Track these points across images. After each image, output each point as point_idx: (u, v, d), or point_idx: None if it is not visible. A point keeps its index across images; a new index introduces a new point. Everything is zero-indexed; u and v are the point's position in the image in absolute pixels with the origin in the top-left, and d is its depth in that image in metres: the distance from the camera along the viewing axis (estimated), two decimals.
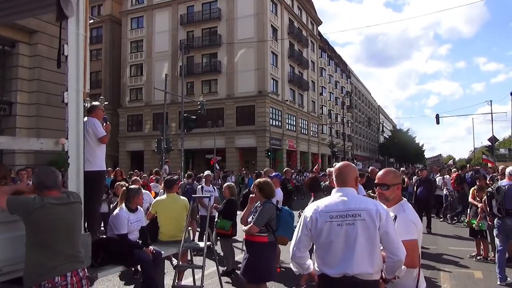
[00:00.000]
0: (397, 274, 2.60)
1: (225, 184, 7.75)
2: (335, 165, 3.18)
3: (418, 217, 2.87)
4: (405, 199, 3.01)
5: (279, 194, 7.39)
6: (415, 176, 14.55)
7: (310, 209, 2.73)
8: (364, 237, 2.53)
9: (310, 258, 2.86)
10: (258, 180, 4.90)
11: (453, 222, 12.58)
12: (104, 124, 4.76)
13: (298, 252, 2.73)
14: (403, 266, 2.59)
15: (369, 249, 2.53)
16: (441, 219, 13.16)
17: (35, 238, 2.82)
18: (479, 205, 7.81)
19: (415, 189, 12.17)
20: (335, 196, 2.71)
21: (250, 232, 4.60)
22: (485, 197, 7.00)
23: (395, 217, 2.76)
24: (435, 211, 13.38)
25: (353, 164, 2.96)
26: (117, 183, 8.08)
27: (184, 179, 12.32)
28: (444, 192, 13.34)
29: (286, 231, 4.54)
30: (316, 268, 2.72)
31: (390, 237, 2.53)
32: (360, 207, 2.59)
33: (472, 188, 8.56)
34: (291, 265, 2.86)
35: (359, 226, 2.54)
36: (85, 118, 4.55)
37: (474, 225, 7.83)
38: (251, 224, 4.59)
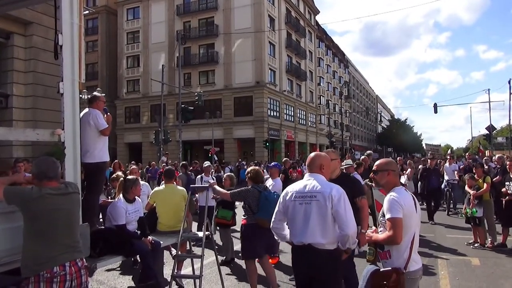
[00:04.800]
0: (348, 246, 3.14)
1: (226, 174, 7.77)
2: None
3: (408, 199, 2.95)
4: (402, 186, 3.08)
5: (278, 183, 7.46)
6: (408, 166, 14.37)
7: (285, 191, 3.42)
8: (317, 214, 3.12)
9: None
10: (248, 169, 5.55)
11: (450, 213, 12.45)
12: (105, 115, 4.69)
13: (274, 223, 3.45)
14: (356, 241, 3.21)
15: (321, 224, 3.11)
16: (441, 203, 12.99)
17: (33, 228, 2.81)
18: (472, 192, 7.95)
19: (419, 179, 11.85)
20: (304, 180, 3.34)
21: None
22: None
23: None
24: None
25: (323, 153, 3.54)
26: (113, 175, 8.06)
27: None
28: (445, 180, 13.05)
29: (265, 214, 4.59)
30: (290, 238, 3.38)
31: (339, 215, 3.07)
32: (317, 190, 3.16)
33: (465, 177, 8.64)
34: (275, 235, 3.55)
35: (314, 205, 3.14)
36: (86, 109, 4.51)
37: (468, 213, 7.94)
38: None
